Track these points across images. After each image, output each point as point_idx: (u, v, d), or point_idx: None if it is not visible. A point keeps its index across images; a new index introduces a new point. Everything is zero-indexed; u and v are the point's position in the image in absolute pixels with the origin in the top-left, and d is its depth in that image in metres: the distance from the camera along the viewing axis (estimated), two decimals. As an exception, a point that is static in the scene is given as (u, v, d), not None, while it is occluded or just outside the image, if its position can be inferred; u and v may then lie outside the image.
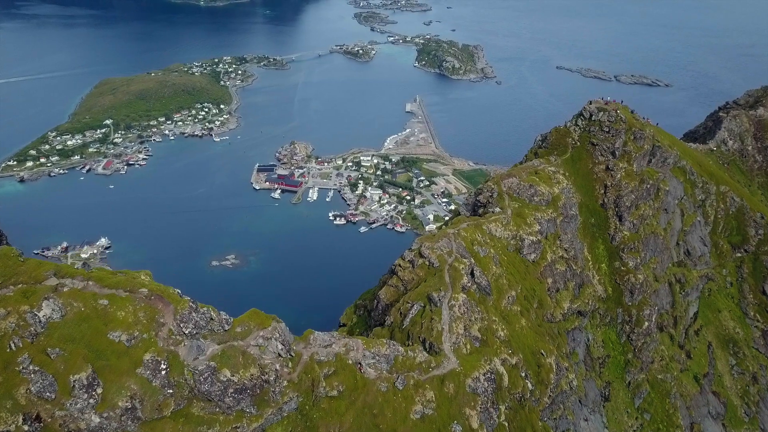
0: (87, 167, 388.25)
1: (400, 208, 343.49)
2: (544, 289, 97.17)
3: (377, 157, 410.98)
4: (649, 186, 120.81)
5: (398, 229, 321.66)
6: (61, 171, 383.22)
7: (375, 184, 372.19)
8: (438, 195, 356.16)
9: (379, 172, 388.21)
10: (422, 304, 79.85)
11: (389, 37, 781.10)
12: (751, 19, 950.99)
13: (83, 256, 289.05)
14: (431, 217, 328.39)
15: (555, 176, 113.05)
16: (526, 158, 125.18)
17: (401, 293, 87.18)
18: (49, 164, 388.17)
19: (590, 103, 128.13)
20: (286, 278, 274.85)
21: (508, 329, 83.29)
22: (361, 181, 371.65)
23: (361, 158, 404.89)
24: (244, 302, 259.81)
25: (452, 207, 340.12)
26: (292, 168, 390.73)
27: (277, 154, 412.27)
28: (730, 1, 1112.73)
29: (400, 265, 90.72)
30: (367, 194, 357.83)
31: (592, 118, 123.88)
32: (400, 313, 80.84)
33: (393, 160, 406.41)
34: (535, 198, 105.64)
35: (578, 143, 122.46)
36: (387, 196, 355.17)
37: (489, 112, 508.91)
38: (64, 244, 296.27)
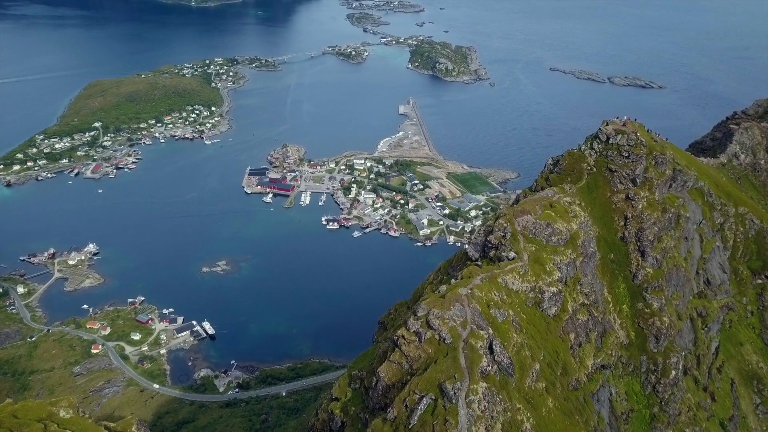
0: (75, 171, 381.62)
1: (393, 212, 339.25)
2: (566, 348, 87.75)
3: (370, 160, 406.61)
4: (670, 215, 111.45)
5: (392, 233, 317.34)
6: (48, 175, 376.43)
7: (368, 187, 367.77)
8: (432, 199, 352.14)
9: (372, 176, 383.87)
10: (433, 397, 67.09)
11: (382, 38, 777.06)
12: (744, 21, 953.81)
13: (71, 262, 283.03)
14: (425, 221, 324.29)
15: (571, 208, 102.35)
16: (537, 184, 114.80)
17: (405, 372, 74.86)
18: (36, 168, 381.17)
19: (606, 125, 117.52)
20: (278, 285, 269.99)
21: (534, 416, 73.35)
22: (354, 185, 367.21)
23: (354, 161, 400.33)
24: (235, 310, 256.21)
25: (446, 211, 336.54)
26: (285, 171, 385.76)
27: (269, 158, 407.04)
28: (723, 4, 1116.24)
29: (404, 337, 75.47)
30: (361, 198, 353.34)
31: (610, 141, 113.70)
32: (406, 405, 68.51)
33: (386, 163, 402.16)
34: (552, 238, 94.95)
35: (594, 169, 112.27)
36: (380, 200, 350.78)
37: (483, 114, 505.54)
38: (51, 251, 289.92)
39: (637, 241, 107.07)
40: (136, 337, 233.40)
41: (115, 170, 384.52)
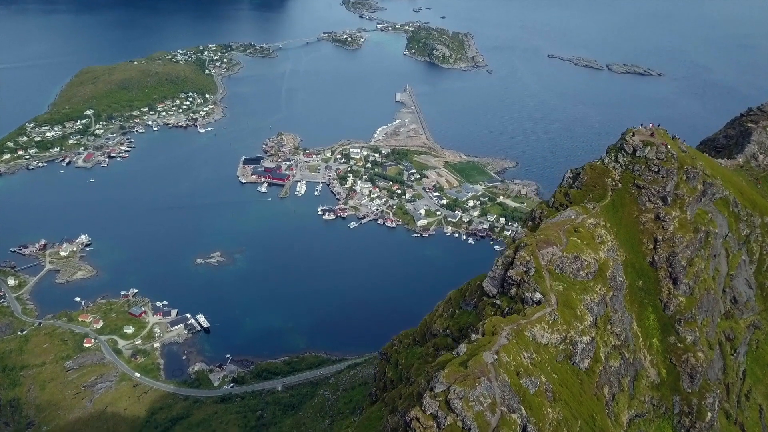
0: (67, 160, 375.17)
1: (390, 202, 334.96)
2: (602, 408, 78.39)
3: (367, 148, 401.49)
4: (701, 234, 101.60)
5: (389, 224, 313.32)
6: (39, 164, 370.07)
7: (365, 177, 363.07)
8: (429, 189, 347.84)
9: (368, 165, 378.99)
10: None
11: (378, 24, 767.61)
12: (744, 9, 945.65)
13: (62, 254, 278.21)
14: (422, 211, 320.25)
15: (597, 232, 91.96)
16: (555, 199, 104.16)
17: None
18: (27, 157, 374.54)
19: (632, 135, 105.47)
20: (274, 277, 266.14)
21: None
22: (350, 174, 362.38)
23: (351, 150, 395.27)
24: (230, 303, 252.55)
25: (444, 201, 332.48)
26: (279, 160, 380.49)
27: (264, 146, 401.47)
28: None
29: (418, 420, 62.65)
30: (357, 188, 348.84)
31: (637, 154, 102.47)
32: None
33: (383, 152, 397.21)
34: (580, 273, 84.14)
35: (620, 185, 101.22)
36: (377, 189, 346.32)
37: (480, 102, 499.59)
38: (42, 242, 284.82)
39: (668, 266, 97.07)
40: (129, 330, 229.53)
41: (107, 159, 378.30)
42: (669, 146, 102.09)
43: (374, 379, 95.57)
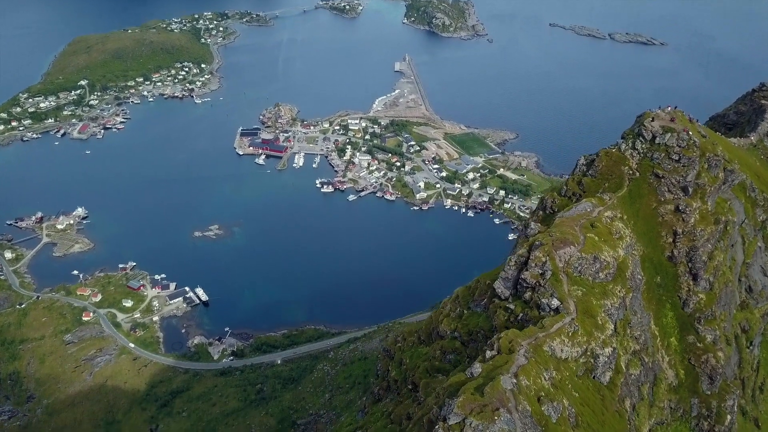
0: (62, 131, 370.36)
1: (389, 174, 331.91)
2: (624, 426, 73.17)
3: (365, 120, 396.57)
4: (721, 225, 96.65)
5: (388, 197, 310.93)
6: (34, 135, 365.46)
7: (363, 149, 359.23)
8: (429, 161, 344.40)
9: (367, 137, 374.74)
10: None
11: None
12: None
13: (59, 227, 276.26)
14: (422, 184, 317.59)
15: (614, 226, 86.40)
16: (567, 188, 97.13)
17: None
18: (21, 128, 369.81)
19: (651, 120, 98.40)
20: (272, 251, 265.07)
21: None
22: (348, 146, 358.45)
23: (349, 121, 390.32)
24: (229, 276, 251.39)
25: (444, 174, 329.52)
26: (277, 132, 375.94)
27: (261, 117, 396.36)
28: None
29: None
30: (356, 160, 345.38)
31: (656, 141, 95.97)
32: None
33: (382, 123, 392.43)
34: (600, 275, 78.67)
35: (637, 173, 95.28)
36: (376, 162, 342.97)
37: (481, 72, 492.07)
38: (39, 215, 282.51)
39: (688, 261, 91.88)
40: (128, 304, 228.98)
41: (102, 130, 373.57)
42: (691, 132, 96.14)
43: (376, 375, 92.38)
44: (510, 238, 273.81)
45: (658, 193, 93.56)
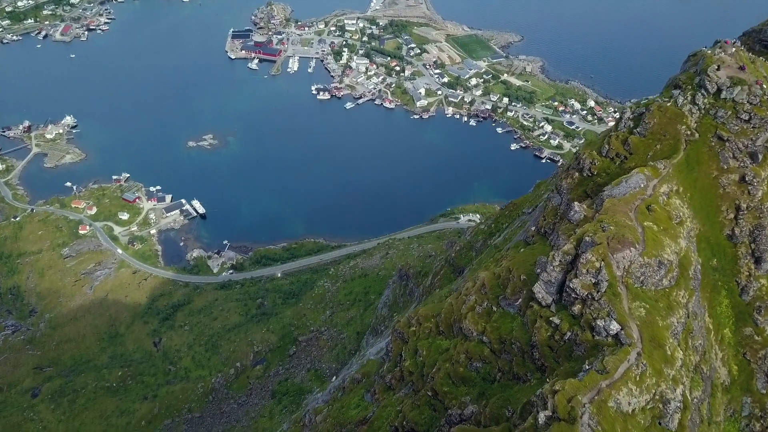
0: (43, 33, 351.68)
1: (388, 80, 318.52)
2: None
3: (363, 20, 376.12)
4: None
5: (387, 105, 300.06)
6: (14, 37, 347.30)
7: (361, 52, 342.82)
8: (430, 65, 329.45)
9: (365, 38, 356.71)
10: None
11: None
12: None
13: (48, 136, 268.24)
14: (422, 91, 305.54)
15: (672, 205, 71.78)
16: (610, 146, 78.51)
17: None
18: (0, 30, 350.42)
19: (717, 69, 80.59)
20: (268, 161, 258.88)
21: None
22: (345, 49, 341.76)
23: (346, 22, 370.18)
24: (225, 188, 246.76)
25: (445, 79, 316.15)
26: (270, 34, 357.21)
27: (253, 18, 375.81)
28: None
29: None
30: (353, 64, 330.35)
31: (722, 95, 78.97)
32: None
33: (380, 24, 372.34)
34: (663, 281, 64.59)
35: (696, 134, 78.82)
36: (374, 66, 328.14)
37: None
38: (27, 123, 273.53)
39: (751, 242, 78.22)
40: (124, 216, 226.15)
41: (86, 32, 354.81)
42: (765, 86, 79.20)
43: (386, 358, 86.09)
44: (512, 148, 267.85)
45: (720, 159, 78.60)
